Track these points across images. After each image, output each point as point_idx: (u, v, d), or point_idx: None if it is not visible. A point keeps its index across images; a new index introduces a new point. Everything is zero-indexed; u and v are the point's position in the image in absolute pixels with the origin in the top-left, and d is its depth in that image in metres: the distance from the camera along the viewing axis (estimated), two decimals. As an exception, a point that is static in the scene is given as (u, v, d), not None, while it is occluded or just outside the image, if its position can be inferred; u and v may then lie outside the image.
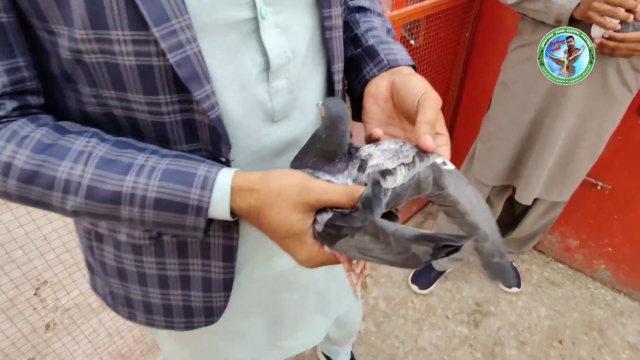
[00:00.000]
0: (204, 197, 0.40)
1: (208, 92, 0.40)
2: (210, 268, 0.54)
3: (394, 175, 0.43)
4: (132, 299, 0.57)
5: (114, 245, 0.53)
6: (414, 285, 1.73)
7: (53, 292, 1.73)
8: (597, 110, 1.12)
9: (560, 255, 1.87)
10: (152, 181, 0.40)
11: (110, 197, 0.39)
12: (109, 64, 0.38)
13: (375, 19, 0.59)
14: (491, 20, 1.65)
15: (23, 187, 0.39)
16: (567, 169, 1.25)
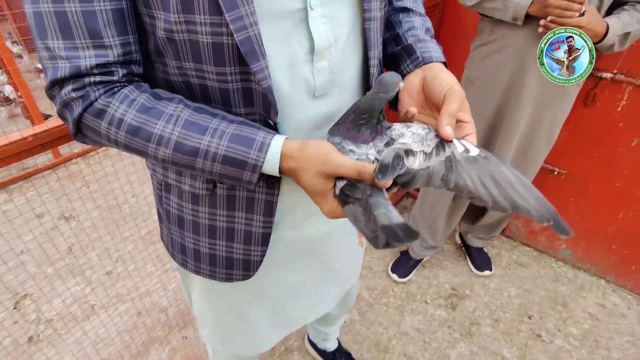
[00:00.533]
0: (260, 158, 0.50)
1: (262, 66, 0.49)
2: (252, 222, 0.62)
3: (415, 157, 0.49)
4: (186, 246, 0.68)
5: (177, 194, 0.64)
6: (394, 275, 1.81)
7: (34, 304, 1.69)
8: (550, 101, 1.25)
9: (525, 239, 2.01)
10: (223, 142, 0.50)
11: (191, 151, 0.50)
12: (192, 41, 0.48)
13: (416, 18, 0.67)
14: (453, 22, 1.77)
15: (129, 138, 0.50)
16: (527, 155, 1.37)
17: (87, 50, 0.46)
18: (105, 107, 0.49)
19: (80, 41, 0.46)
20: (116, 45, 0.48)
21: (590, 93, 1.49)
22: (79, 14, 0.45)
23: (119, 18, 0.47)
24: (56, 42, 0.46)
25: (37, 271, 1.80)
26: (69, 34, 0.45)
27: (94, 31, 0.46)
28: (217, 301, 0.80)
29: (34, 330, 1.60)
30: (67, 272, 1.83)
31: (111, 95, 0.49)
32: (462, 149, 0.50)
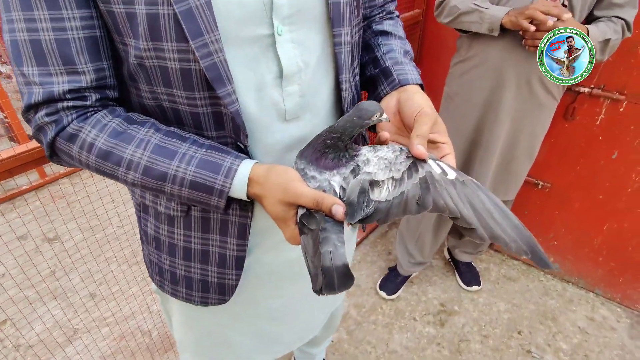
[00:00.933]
0: (227, 184, 0.51)
1: (229, 91, 0.50)
2: (226, 245, 0.63)
3: (380, 187, 0.48)
4: (163, 268, 0.68)
5: (154, 215, 0.65)
6: (382, 292, 1.79)
7: (14, 328, 1.65)
8: (527, 115, 1.27)
9: (513, 253, 2.01)
10: (190, 167, 0.51)
11: (160, 176, 0.51)
12: (161, 67, 0.49)
13: (395, 41, 0.68)
14: (434, 39, 1.80)
15: (100, 162, 0.51)
16: (509, 169, 1.38)
17: (60, 76, 0.48)
18: (77, 131, 0.50)
19: (54, 67, 0.47)
20: (89, 71, 0.49)
21: (569, 107, 1.51)
22: (52, 41, 0.46)
23: (93, 45, 0.48)
24: (31, 68, 0.47)
25: (17, 294, 1.75)
26: (43, 61, 0.47)
27: (67, 58, 0.47)
28: (197, 326, 0.78)
29: (12, 357, 1.55)
30: (49, 295, 1.79)
31: (84, 120, 0.50)
32: (440, 170, 0.48)
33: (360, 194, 0.47)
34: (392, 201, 0.47)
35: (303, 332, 0.88)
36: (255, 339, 0.80)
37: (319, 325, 0.91)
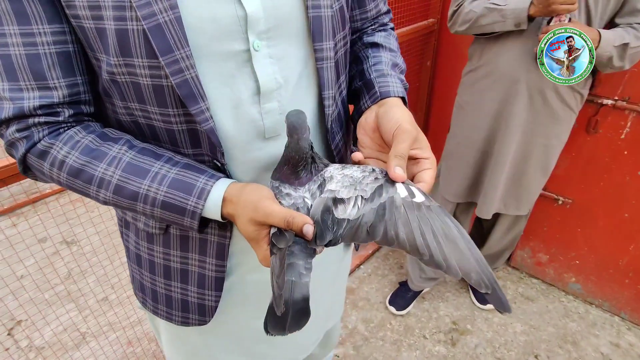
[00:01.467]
0: (199, 205, 0.49)
1: (202, 108, 0.48)
2: (205, 265, 0.61)
3: (345, 204, 0.45)
4: (145, 285, 0.67)
5: (135, 232, 0.63)
6: (391, 307, 1.74)
7: (27, 332, 1.69)
8: (540, 127, 1.20)
9: (532, 270, 1.92)
10: (162, 187, 0.49)
11: (131, 195, 0.50)
12: (133, 83, 0.48)
13: (385, 54, 0.64)
14: (449, 49, 1.76)
15: (71, 179, 0.50)
16: (520, 183, 1.32)
17: (31, 91, 0.47)
18: (48, 148, 0.49)
19: (25, 83, 0.46)
20: (61, 86, 0.48)
21: (591, 120, 1.43)
22: (22, 56, 0.45)
23: (65, 60, 0.47)
24: (1, 83, 0.46)
25: (35, 296, 1.80)
26: (14, 76, 0.46)
27: (38, 73, 0.46)
28: (183, 345, 0.76)
29: (25, 358, 1.59)
30: (63, 298, 1.83)
31: (56, 136, 0.49)
32: (406, 193, 0.46)
33: (324, 213, 0.45)
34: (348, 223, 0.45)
35: (294, 353, 0.85)
36: (245, 358, 0.78)
37: (311, 345, 0.88)
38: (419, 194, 0.46)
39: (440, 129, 1.93)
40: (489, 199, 1.34)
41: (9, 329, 1.71)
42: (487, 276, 0.41)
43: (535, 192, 1.35)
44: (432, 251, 0.42)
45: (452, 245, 0.42)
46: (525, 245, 1.87)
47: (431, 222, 0.43)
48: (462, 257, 0.42)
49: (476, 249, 0.43)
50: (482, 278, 0.41)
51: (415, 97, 1.93)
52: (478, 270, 0.41)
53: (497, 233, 1.54)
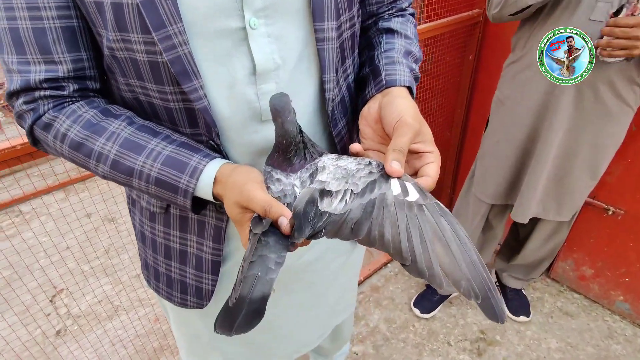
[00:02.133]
0: (191, 184, 0.49)
1: (196, 86, 0.48)
2: (202, 247, 0.61)
3: (331, 198, 0.43)
4: (149, 264, 0.68)
5: (139, 210, 0.64)
6: (416, 309, 1.68)
7: (68, 299, 1.81)
8: (589, 124, 1.09)
9: (575, 285, 1.77)
10: (156, 164, 0.49)
11: (126, 170, 0.50)
12: (132, 59, 0.48)
13: (399, 40, 0.62)
14: (495, 42, 1.65)
15: (72, 152, 0.51)
16: (563, 184, 1.20)
17: (38, 65, 0.48)
18: (51, 121, 0.50)
19: (32, 56, 0.48)
20: (66, 61, 0.49)
21: (652, 123, 1.28)
22: (29, 30, 0.46)
23: (70, 35, 0.48)
24: (10, 56, 0.48)
25: (76, 267, 1.93)
26: (21, 49, 0.47)
27: (44, 47, 0.47)
28: (186, 327, 0.78)
29: (62, 325, 1.71)
30: (100, 272, 1.94)
31: (60, 109, 0.50)
32: (399, 191, 0.42)
33: (308, 204, 0.43)
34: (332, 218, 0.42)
35: (296, 346, 0.84)
36: (245, 347, 0.78)
37: (315, 340, 0.86)
38: (414, 192, 0.42)
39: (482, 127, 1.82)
40: (525, 201, 1.24)
41: (52, 296, 1.84)
42: (479, 283, 0.37)
43: (580, 196, 1.23)
44: (417, 257, 0.39)
45: (443, 249, 0.39)
46: (568, 257, 1.73)
47: (420, 224, 0.40)
48: (452, 263, 0.38)
49: (471, 252, 0.39)
50: (472, 286, 0.37)
51: (455, 93, 1.83)
52: (469, 277, 0.37)
53: (534, 241, 1.43)
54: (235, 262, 0.65)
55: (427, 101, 1.78)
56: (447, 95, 1.83)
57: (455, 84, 1.81)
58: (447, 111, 1.88)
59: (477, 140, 1.85)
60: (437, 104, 1.82)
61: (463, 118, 1.87)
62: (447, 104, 1.85)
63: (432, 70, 1.71)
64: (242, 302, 0.39)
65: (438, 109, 1.85)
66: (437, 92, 1.78)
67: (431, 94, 1.76)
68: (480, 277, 0.38)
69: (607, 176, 1.46)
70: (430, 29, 1.46)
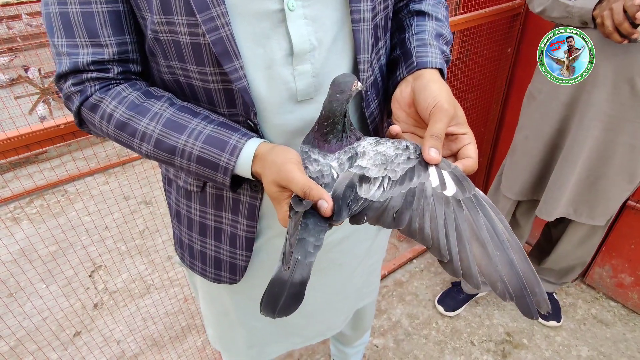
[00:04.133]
0: (231, 161, 0.51)
1: (236, 67, 0.49)
2: (237, 224, 0.63)
3: (370, 184, 0.44)
4: (183, 241, 0.71)
5: (176, 189, 0.67)
6: (440, 306, 1.66)
7: (105, 276, 1.93)
8: (626, 123, 1.03)
9: (612, 292, 1.69)
10: (198, 142, 0.51)
11: (169, 149, 0.52)
12: (174, 41, 0.50)
13: (430, 23, 0.62)
14: (536, 35, 1.58)
15: (118, 132, 0.54)
16: (596, 187, 1.14)
17: (85, 48, 0.51)
18: (98, 102, 0.53)
19: (80, 40, 0.51)
20: (112, 44, 0.51)
21: None
22: (79, 15, 0.50)
23: (116, 19, 0.51)
24: (60, 40, 0.51)
25: (114, 247, 2.04)
26: (70, 33, 0.50)
27: (92, 31, 0.50)
28: (215, 303, 0.81)
29: (99, 299, 1.82)
30: (137, 252, 2.05)
31: (105, 91, 0.53)
32: (437, 183, 0.42)
33: (348, 188, 0.43)
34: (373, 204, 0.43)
35: (322, 329, 0.86)
36: (271, 326, 0.80)
37: (340, 323, 0.88)
38: (451, 185, 0.42)
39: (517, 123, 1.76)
40: (551, 199, 1.19)
41: (91, 272, 1.95)
42: (514, 284, 0.37)
43: (616, 200, 1.16)
44: (453, 256, 0.39)
45: (481, 250, 0.39)
46: (605, 263, 1.65)
47: (458, 222, 0.40)
48: (488, 265, 0.38)
49: (509, 250, 0.39)
50: (507, 288, 0.37)
51: (491, 88, 1.77)
52: (504, 278, 0.38)
53: (566, 244, 1.37)
54: (267, 239, 0.67)
55: (461, 96, 1.73)
56: (483, 90, 1.77)
57: (492, 78, 1.75)
58: (482, 107, 1.83)
59: (512, 137, 1.79)
60: (472, 98, 1.77)
61: (498, 114, 1.81)
62: (483, 99, 1.80)
63: (468, 63, 1.66)
64: (283, 285, 0.40)
65: (473, 104, 1.80)
66: (473, 87, 1.73)
67: (466, 88, 1.71)
68: (516, 277, 0.38)
69: (653, 179, 1.37)
70: (468, 20, 1.42)
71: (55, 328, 1.60)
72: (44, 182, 2.44)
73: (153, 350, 1.58)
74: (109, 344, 1.56)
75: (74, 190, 2.51)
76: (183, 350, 1.56)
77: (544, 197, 1.21)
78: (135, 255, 2.03)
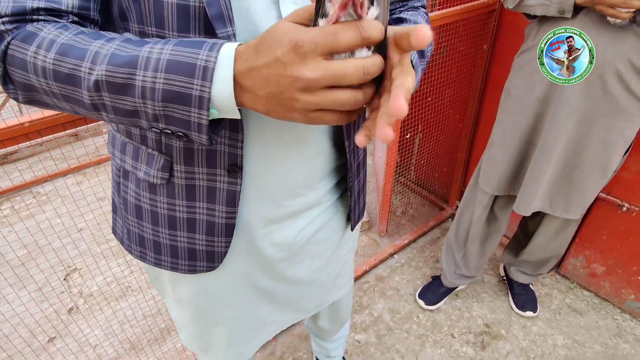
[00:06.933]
0: (211, 58, 0.38)
1: (229, 33, 0.46)
2: (214, 212, 0.60)
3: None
4: (145, 237, 0.66)
5: (135, 182, 0.62)
6: (420, 300, 1.68)
7: (80, 279, 1.86)
8: (598, 117, 1.06)
9: (585, 282, 1.74)
10: (167, 46, 0.40)
11: (128, 61, 0.40)
12: (155, 2, 0.45)
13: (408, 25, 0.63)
14: (511, 31, 1.61)
15: (59, 60, 0.41)
16: (571, 180, 1.17)
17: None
18: (37, 30, 0.42)
19: None
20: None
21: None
22: None
23: None
24: None
25: (90, 248, 1.98)
26: None
27: None
28: (188, 302, 0.78)
29: (74, 303, 1.76)
30: (113, 254, 1.99)
31: (48, 22, 0.43)
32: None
33: None
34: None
35: (297, 313, 0.86)
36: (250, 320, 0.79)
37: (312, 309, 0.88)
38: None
39: (494, 119, 1.79)
40: (528, 193, 1.22)
41: (65, 275, 1.89)
42: None
43: (590, 194, 1.19)
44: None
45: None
46: (579, 253, 1.70)
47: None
48: None
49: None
50: None
51: (468, 84, 1.80)
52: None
53: (542, 236, 1.41)
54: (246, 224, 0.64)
55: (439, 91, 1.75)
56: (460, 86, 1.79)
57: (469, 74, 1.77)
58: (460, 102, 1.85)
59: (489, 132, 1.82)
60: (449, 94, 1.79)
61: (476, 110, 1.84)
62: (460, 94, 1.82)
63: (445, 59, 1.68)
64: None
65: (450, 99, 1.82)
66: (450, 83, 1.75)
67: (444, 84, 1.73)
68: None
69: (623, 171, 1.42)
70: (443, 17, 1.43)
71: (26, 335, 1.54)
72: (10, 185, 2.34)
73: (131, 354, 1.54)
74: (84, 349, 1.51)
75: (44, 192, 2.42)
76: (162, 353, 1.53)
77: (521, 192, 1.24)
78: (110, 257, 1.97)
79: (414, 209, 2.23)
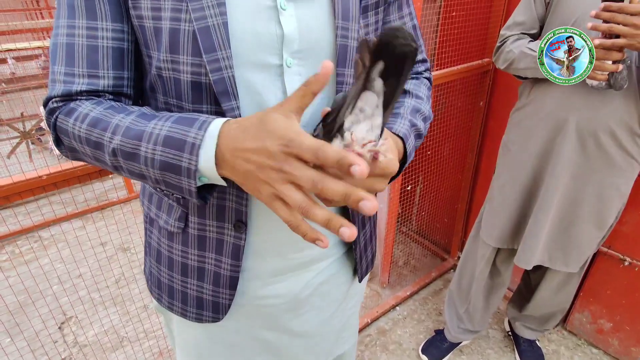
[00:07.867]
0: (199, 135, 0.46)
1: (233, 106, 0.53)
2: (221, 264, 0.64)
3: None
4: (162, 281, 0.70)
5: (157, 229, 0.67)
6: (424, 356, 1.63)
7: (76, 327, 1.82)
8: (594, 174, 1.09)
9: (593, 338, 1.69)
10: (167, 123, 0.49)
11: (137, 134, 0.49)
12: (175, 79, 0.53)
13: (409, 100, 0.66)
14: (504, 89, 1.69)
15: (89, 130, 0.51)
16: (569, 234, 1.19)
17: (82, 78, 0.53)
18: (76, 106, 0.53)
19: (79, 69, 0.53)
20: (109, 76, 0.54)
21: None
22: (84, 46, 0.53)
23: (118, 55, 0.54)
24: (60, 67, 0.53)
25: (86, 295, 1.95)
26: (71, 62, 0.53)
27: (92, 63, 0.53)
28: (193, 350, 0.78)
29: (68, 353, 1.71)
30: (110, 301, 1.96)
31: (87, 99, 0.54)
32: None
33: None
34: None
35: None
36: None
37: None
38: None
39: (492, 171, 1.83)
40: (528, 247, 1.23)
41: (60, 323, 1.85)
42: None
43: (588, 247, 1.20)
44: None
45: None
46: (584, 308, 1.67)
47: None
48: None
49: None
50: None
51: (466, 138, 1.86)
52: None
53: (544, 290, 1.40)
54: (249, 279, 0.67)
55: (439, 145, 1.81)
56: (459, 140, 1.86)
57: (467, 129, 1.84)
58: (459, 155, 1.91)
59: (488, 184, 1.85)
60: (448, 148, 1.85)
61: (474, 162, 1.89)
62: (459, 148, 1.88)
63: (444, 115, 1.76)
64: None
65: (450, 152, 1.87)
66: (449, 137, 1.82)
67: (443, 138, 1.80)
68: None
69: (622, 226, 1.43)
70: (442, 76, 1.51)
71: (17, 386, 1.49)
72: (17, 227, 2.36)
73: (123, 410, 1.48)
74: (75, 403, 1.45)
75: (49, 236, 2.43)
76: (156, 408, 1.47)
77: (522, 246, 1.25)
78: (108, 304, 1.94)
79: (416, 260, 2.22)
